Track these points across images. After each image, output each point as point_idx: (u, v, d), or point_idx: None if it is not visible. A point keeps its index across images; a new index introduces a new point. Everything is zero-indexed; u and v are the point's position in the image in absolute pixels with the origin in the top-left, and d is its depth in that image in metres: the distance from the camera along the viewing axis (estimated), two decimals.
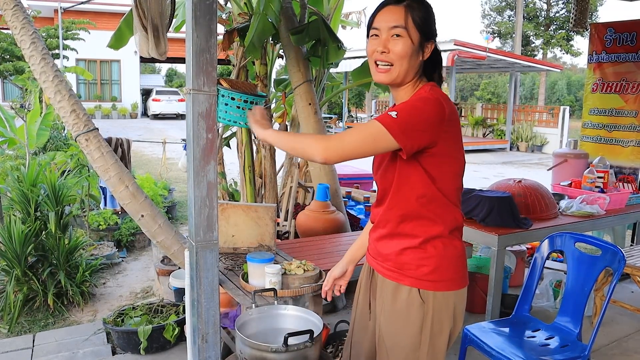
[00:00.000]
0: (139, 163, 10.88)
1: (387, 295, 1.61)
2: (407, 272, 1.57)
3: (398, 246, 1.59)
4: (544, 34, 30.00)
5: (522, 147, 17.34)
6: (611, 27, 4.79)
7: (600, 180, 3.90)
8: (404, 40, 1.49)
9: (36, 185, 3.86)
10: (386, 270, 1.62)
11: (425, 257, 1.55)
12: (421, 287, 1.55)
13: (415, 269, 1.56)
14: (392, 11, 1.50)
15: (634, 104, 4.65)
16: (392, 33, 1.49)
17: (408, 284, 1.57)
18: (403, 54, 1.49)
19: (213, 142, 1.98)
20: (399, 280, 1.59)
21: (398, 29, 1.48)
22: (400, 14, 1.49)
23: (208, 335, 2.05)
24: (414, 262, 1.56)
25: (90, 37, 16.04)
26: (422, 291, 1.55)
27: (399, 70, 1.51)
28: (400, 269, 1.58)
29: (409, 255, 1.57)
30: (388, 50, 1.50)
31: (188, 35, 1.91)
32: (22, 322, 3.59)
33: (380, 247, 1.66)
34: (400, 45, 1.49)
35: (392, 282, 1.60)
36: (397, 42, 1.49)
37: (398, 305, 1.58)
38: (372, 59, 1.54)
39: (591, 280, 2.48)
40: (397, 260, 1.59)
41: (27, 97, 6.50)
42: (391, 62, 1.51)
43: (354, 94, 24.66)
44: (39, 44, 2.85)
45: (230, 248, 2.75)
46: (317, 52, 3.92)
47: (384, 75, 1.53)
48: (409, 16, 1.49)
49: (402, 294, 1.58)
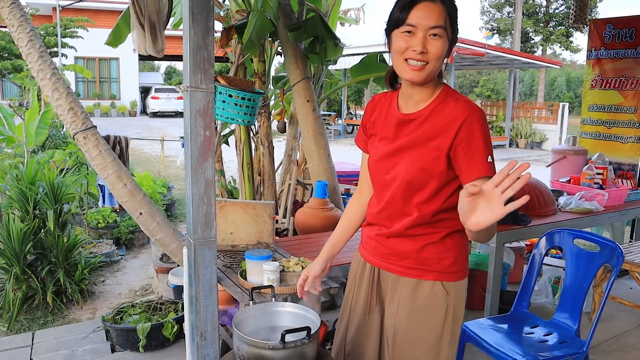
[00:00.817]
0: (138, 161, 10.88)
1: (405, 293, 1.61)
2: (430, 267, 1.58)
3: (419, 243, 1.58)
4: (543, 30, 29.98)
5: (521, 143, 17.34)
6: (610, 23, 4.79)
7: (599, 177, 3.90)
8: (442, 41, 1.44)
9: (35, 183, 3.86)
10: (404, 268, 1.61)
11: (445, 249, 1.58)
12: (444, 279, 1.58)
13: (437, 262, 1.58)
14: (431, 9, 1.43)
15: (633, 100, 4.64)
16: (431, 32, 1.43)
17: (431, 278, 1.58)
18: (440, 55, 1.45)
19: (211, 139, 1.97)
20: (420, 276, 1.59)
21: (438, 29, 1.43)
22: (440, 12, 1.44)
23: (207, 333, 2.05)
24: (436, 257, 1.58)
25: (88, 35, 16.01)
26: (445, 283, 1.58)
27: (432, 70, 1.47)
28: (422, 264, 1.59)
29: (430, 251, 1.58)
30: (427, 50, 1.44)
31: (185, 32, 1.91)
32: (22, 320, 3.59)
33: (392, 245, 1.63)
34: (438, 45, 1.44)
35: (412, 280, 1.60)
36: (436, 42, 1.44)
37: (421, 301, 1.58)
38: (403, 56, 1.47)
39: (590, 277, 2.48)
40: (418, 257, 1.59)
41: (26, 95, 6.49)
42: (427, 61, 1.45)
43: (353, 91, 24.64)
44: (36, 42, 2.85)
45: (228, 245, 2.75)
46: (315, 49, 3.91)
47: (417, 73, 1.46)
48: (448, 16, 1.45)
49: (425, 289, 1.58)
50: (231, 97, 2.04)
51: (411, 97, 1.57)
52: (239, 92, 2.05)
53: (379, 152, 1.63)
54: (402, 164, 1.55)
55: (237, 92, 2.05)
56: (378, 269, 1.68)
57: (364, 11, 8.17)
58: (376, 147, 1.65)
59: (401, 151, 1.56)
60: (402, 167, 1.55)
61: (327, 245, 1.83)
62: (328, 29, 3.84)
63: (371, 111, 1.70)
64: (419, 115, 1.54)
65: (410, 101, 1.57)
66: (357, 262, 1.78)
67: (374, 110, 1.70)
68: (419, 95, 1.55)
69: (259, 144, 4.15)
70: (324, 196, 3.55)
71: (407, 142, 1.55)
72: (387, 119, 1.63)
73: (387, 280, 1.66)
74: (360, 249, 1.77)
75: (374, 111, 1.69)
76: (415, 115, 1.55)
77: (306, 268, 1.80)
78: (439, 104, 1.52)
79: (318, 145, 3.90)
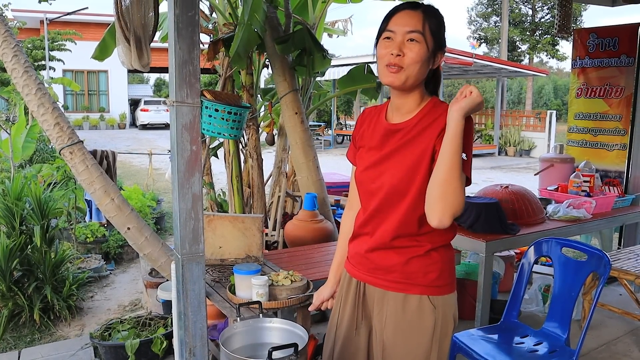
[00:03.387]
0: (127, 174, 10.81)
1: (392, 307, 1.60)
2: (415, 281, 1.58)
3: (403, 256, 1.58)
4: (529, 39, 30.29)
5: (510, 151, 17.47)
6: (594, 33, 4.84)
7: (586, 185, 3.93)
8: (419, 46, 1.49)
9: (21, 198, 3.82)
10: (390, 282, 1.60)
11: (431, 263, 1.58)
12: (430, 293, 1.57)
13: (423, 276, 1.57)
14: (410, 15, 1.50)
15: (618, 108, 4.69)
16: (408, 37, 1.49)
17: (417, 292, 1.57)
18: (417, 59, 1.49)
19: (197, 154, 1.97)
20: (406, 290, 1.58)
21: (415, 33, 1.49)
22: (418, 19, 1.50)
23: (195, 349, 2.03)
24: (422, 270, 1.57)
25: (76, 48, 15.97)
26: (432, 297, 1.57)
27: (410, 74, 1.50)
28: (408, 278, 1.58)
29: (415, 264, 1.57)
30: (403, 54, 1.49)
31: (170, 47, 1.91)
32: (7, 339, 3.53)
33: (377, 259, 1.62)
34: (415, 50, 1.49)
35: (399, 294, 1.59)
36: (413, 46, 1.49)
37: (408, 316, 1.58)
38: (384, 62, 1.52)
39: (578, 285, 2.49)
40: (403, 271, 1.58)
41: (12, 109, 6.45)
42: (403, 65, 1.49)
43: (342, 102, 24.71)
44: (21, 57, 2.83)
45: (217, 260, 2.73)
46: (303, 61, 3.92)
47: (394, 76, 1.50)
48: (426, 22, 1.50)
49: (412, 303, 1.58)
50: (217, 111, 2.04)
51: (399, 108, 1.59)
52: (225, 106, 2.04)
53: (366, 162, 1.65)
54: (388, 172, 1.57)
55: (224, 107, 2.05)
56: (364, 284, 1.67)
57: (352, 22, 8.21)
58: (363, 157, 1.67)
59: (387, 159, 1.58)
60: (388, 175, 1.57)
61: (332, 268, 1.86)
62: (316, 41, 3.85)
63: (360, 124, 1.73)
64: (405, 125, 1.56)
65: (398, 112, 1.60)
66: (343, 278, 1.77)
67: (363, 123, 1.72)
68: (407, 106, 1.57)
69: (248, 157, 4.15)
70: (314, 208, 3.55)
71: (394, 151, 1.57)
72: (375, 129, 1.65)
73: (373, 295, 1.65)
74: (346, 264, 1.76)
75: (363, 124, 1.72)
76: (402, 126, 1.57)
77: (317, 292, 1.84)
78: (426, 115, 1.54)
79: (307, 157, 3.90)
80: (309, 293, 2.28)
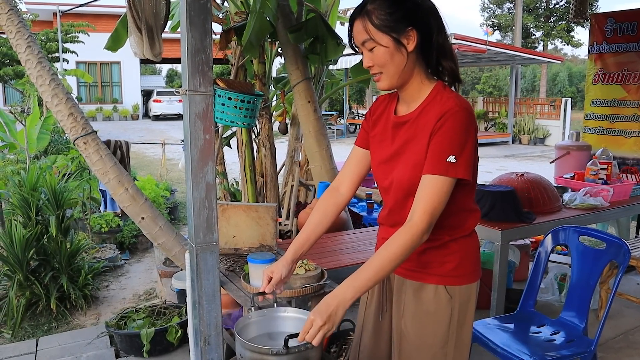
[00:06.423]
0: (141, 164, 10.88)
1: (410, 295, 1.60)
2: (431, 271, 1.57)
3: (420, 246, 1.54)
4: (544, 25, 29.88)
5: (524, 140, 17.27)
6: (611, 17, 4.75)
7: (603, 172, 3.87)
8: (376, 49, 1.48)
9: (36, 189, 3.85)
10: (407, 270, 1.60)
11: (448, 253, 1.56)
12: (447, 283, 1.56)
13: (439, 266, 1.56)
14: (357, 26, 1.50)
15: (636, 94, 4.61)
16: (365, 48, 1.50)
17: (433, 282, 1.57)
18: (384, 62, 1.49)
19: (211, 143, 1.95)
20: (422, 279, 1.58)
21: (366, 43, 1.49)
22: (360, 27, 1.48)
23: (210, 338, 2.04)
24: (438, 260, 1.56)
25: (89, 40, 16.03)
26: (448, 287, 1.56)
27: (390, 75, 1.51)
28: (424, 268, 1.57)
29: (431, 255, 1.57)
30: (372, 63, 1.51)
31: (183, 35, 1.89)
32: (25, 327, 3.58)
33: None
34: (378, 54, 1.48)
35: (415, 282, 1.59)
36: (374, 52, 1.49)
37: (425, 305, 1.57)
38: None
39: (596, 274, 2.46)
40: (419, 260, 1.58)
41: (27, 101, 6.50)
42: (381, 70, 1.51)
43: (354, 91, 24.60)
44: (34, 48, 2.83)
45: (231, 249, 2.73)
46: (316, 49, 3.89)
47: (379, 83, 1.54)
48: (368, 25, 1.46)
49: (428, 293, 1.57)
50: (230, 99, 2.03)
51: (404, 100, 1.60)
52: (238, 94, 2.03)
53: (379, 157, 1.64)
54: (396, 169, 1.57)
55: (236, 95, 2.03)
56: None
57: None
58: (377, 150, 1.66)
59: (397, 155, 1.57)
60: (396, 173, 1.56)
61: (294, 244, 1.70)
62: (329, 28, 3.82)
63: (373, 111, 1.72)
64: (410, 117, 1.56)
65: (405, 104, 1.60)
66: None
67: (375, 111, 1.71)
68: (409, 96, 1.57)
69: (260, 146, 4.14)
70: None
71: (401, 146, 1.56)
72: (386, 121, 1.65)
73: (394, 282, 1.67)
74: (376, 248, 1.76)
75: (376, 112, 1.71)
76: (407, 117, 1.56)
77: (269, 268, 1.63)
78: (428, 104, 1.52)
79: (320, 146, 3.88)
80: (323, 282, 2.27)
